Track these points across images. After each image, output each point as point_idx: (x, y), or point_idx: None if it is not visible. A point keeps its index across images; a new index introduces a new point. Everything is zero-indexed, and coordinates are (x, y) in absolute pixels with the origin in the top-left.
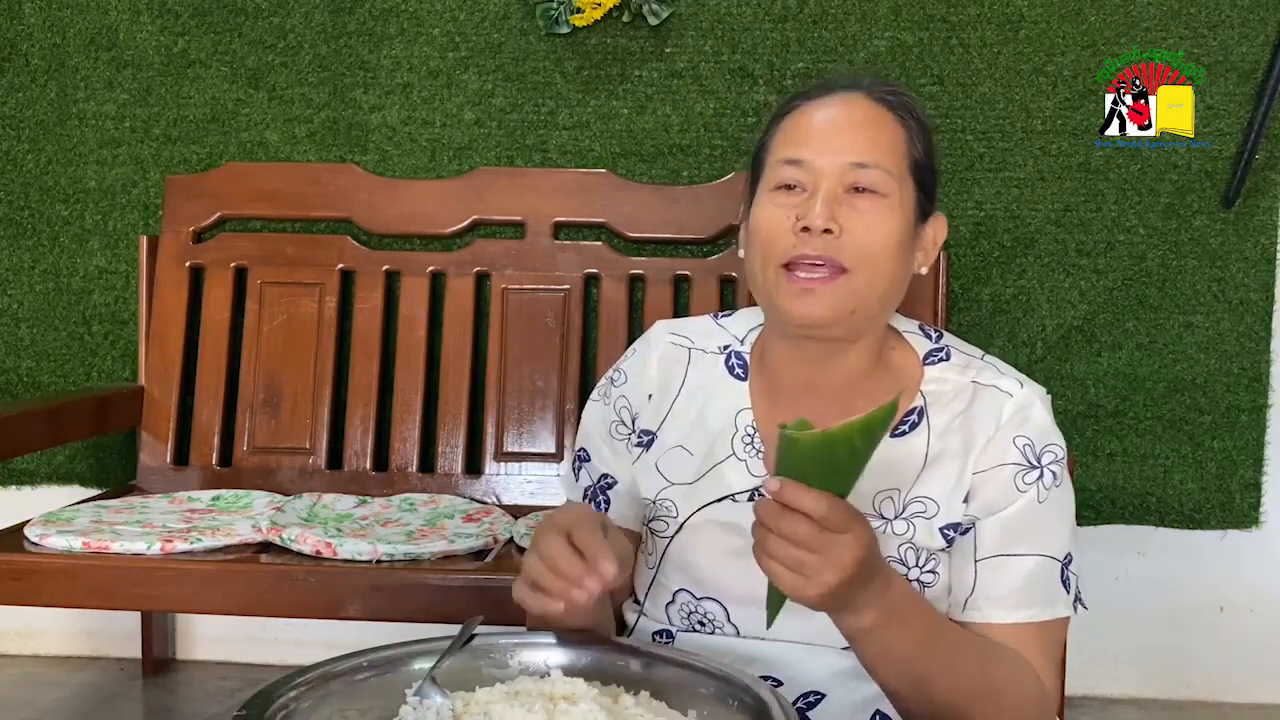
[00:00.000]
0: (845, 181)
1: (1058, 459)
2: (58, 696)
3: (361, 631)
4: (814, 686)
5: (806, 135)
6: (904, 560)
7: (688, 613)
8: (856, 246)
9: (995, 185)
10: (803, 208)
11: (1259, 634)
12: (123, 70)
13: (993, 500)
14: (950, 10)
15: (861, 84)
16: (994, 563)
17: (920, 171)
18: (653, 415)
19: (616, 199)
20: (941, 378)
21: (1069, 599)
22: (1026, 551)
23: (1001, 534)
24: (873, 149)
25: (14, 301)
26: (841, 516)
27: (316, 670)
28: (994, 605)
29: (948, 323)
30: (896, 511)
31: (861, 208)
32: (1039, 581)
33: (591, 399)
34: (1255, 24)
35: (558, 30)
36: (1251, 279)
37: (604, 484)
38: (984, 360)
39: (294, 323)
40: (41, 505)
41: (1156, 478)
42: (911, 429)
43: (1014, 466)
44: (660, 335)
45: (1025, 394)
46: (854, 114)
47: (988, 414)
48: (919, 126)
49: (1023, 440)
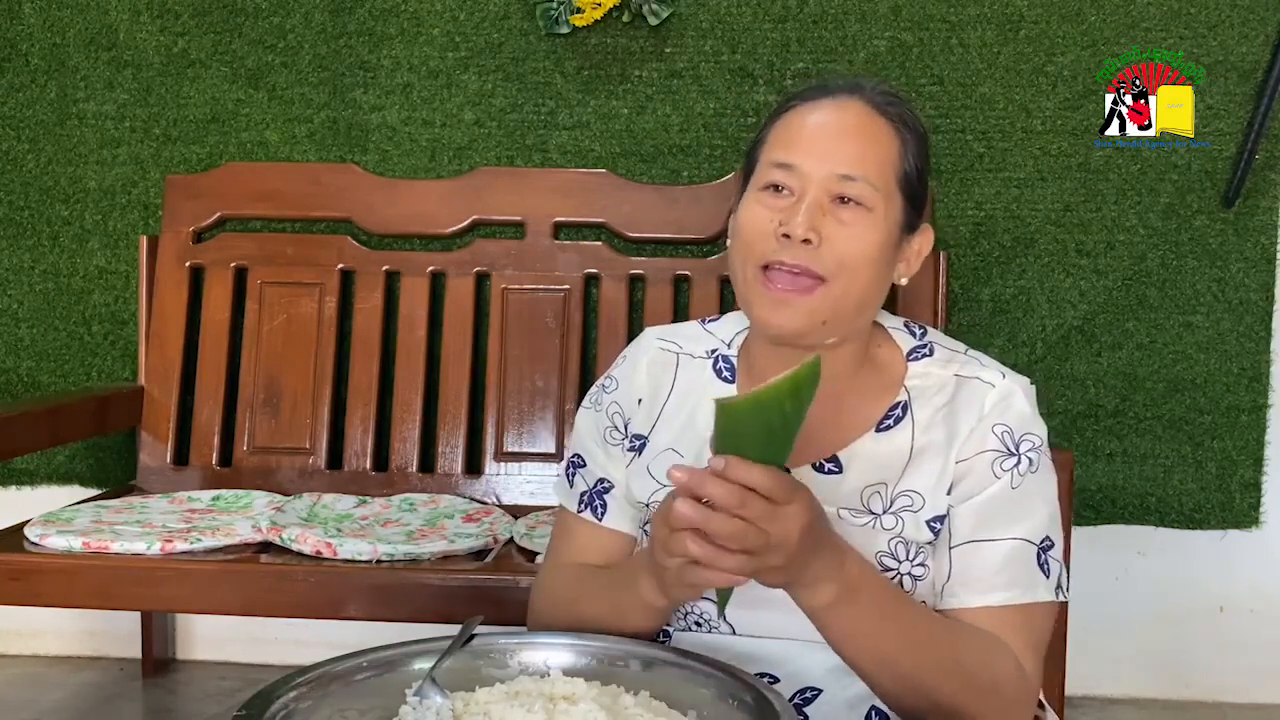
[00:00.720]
0: (831, 190)
1: (1035, 446)
2: (58, 696)
3: (361, 631)
4: (810, 683)
5: (799, 139)
6: (894, 554)
7: (683, 613)
8: (835, 257)
9: (995, 185)
10: (786, 213)
11: (1259, 634)
12: (123, 70)
13: (969, 488)
14: (950, 10)
15: (861, 89)
16: (968, 548)
17: (909, 184)
18: (644, 420)
19: (616, 199)
20: (925, 372)
21: (1049, 584)
22: (1000, 536)
23: (975, 519)
24: (862, 161)
25: (14, 301)
26: (785, 487)
27: (316, 670)
28: (968, 589)
29: (948, 322)
30: (884, 506)
31: (845, 219)
32: (1014, 564)
33: (583, 407)
34: (1255, 24)
35: (558, 30)
36: (1251, 279)
37: (601, 488)
38: (967, 355)
39: (294, 323)
40: (41, 505)
41: (1156, 478)
42: (896, 423)
43: (992, 454)
44: (649, 342)
45: (1007, 384)
46: (848, 121)
47: (970, 405)
48: (914, 138)
49: (1001, 428)
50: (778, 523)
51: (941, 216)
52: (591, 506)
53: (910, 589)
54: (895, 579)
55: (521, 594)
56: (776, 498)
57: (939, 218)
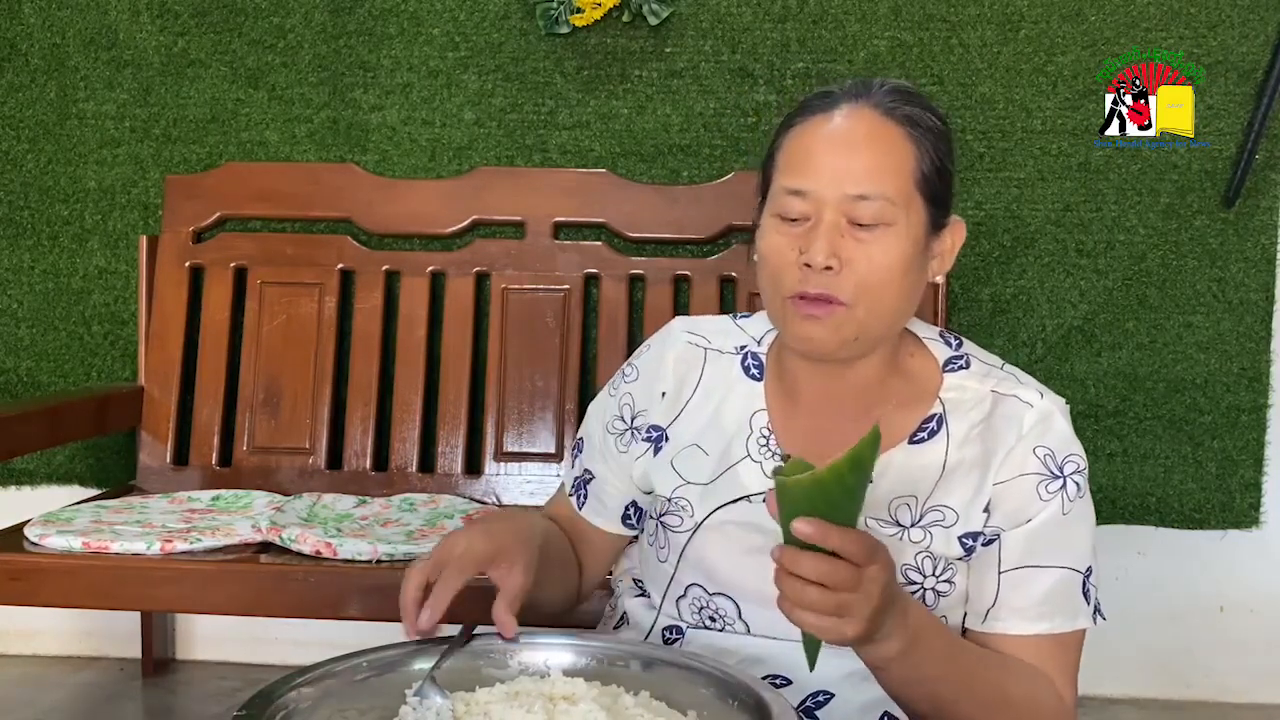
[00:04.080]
0: (847, 211)
1: (1079, 469)
2: (58, 696)
3: (361, 631)
4: (822, 686)
5: (808, 162)
6: (920, 569)
7: (699, 608)
8: (857, 280)
9: (995, 185)
10: (805, 240)
11: (1259, 634)
12: (123, 70)
13: (1016, 511)
14: (950, 10)
15: (868, 92)
16: (1018, 575)
17: (930, 186)
18: (665, 412)
19: (616, 199)
20: (961, 385)
21: (1089, 611)
22: (1050, 564)
23: (1026, 545)
24: (875, 177)
25: (14, 301)
26: (865, 549)
27: (316, 670)
28: (1017, 616)
29: (948, 322)
30: (913, 519)
31: (864, 237)
32: (1062, 594)
33: (603, 391)
34: (1255, 24)
35: (558, 30)
36: (1251, 279)
37: (585, 477)
38: (1004, 370)
39: (294, 323)
40: (41, 505)
41: (1156, 478)
42: (930, 436)
43: (1035, 476)
44: (678, 334)
45: (1045, 404)
46: (857, 134)
47: (1008, 424)
48: (930, 135)
49: (1043, 450)
50: (860, 583)
51: None
52: (578, 493)
53: (933, 604)
54: (919, 593)
55: None
56: (859, 560)
57: None
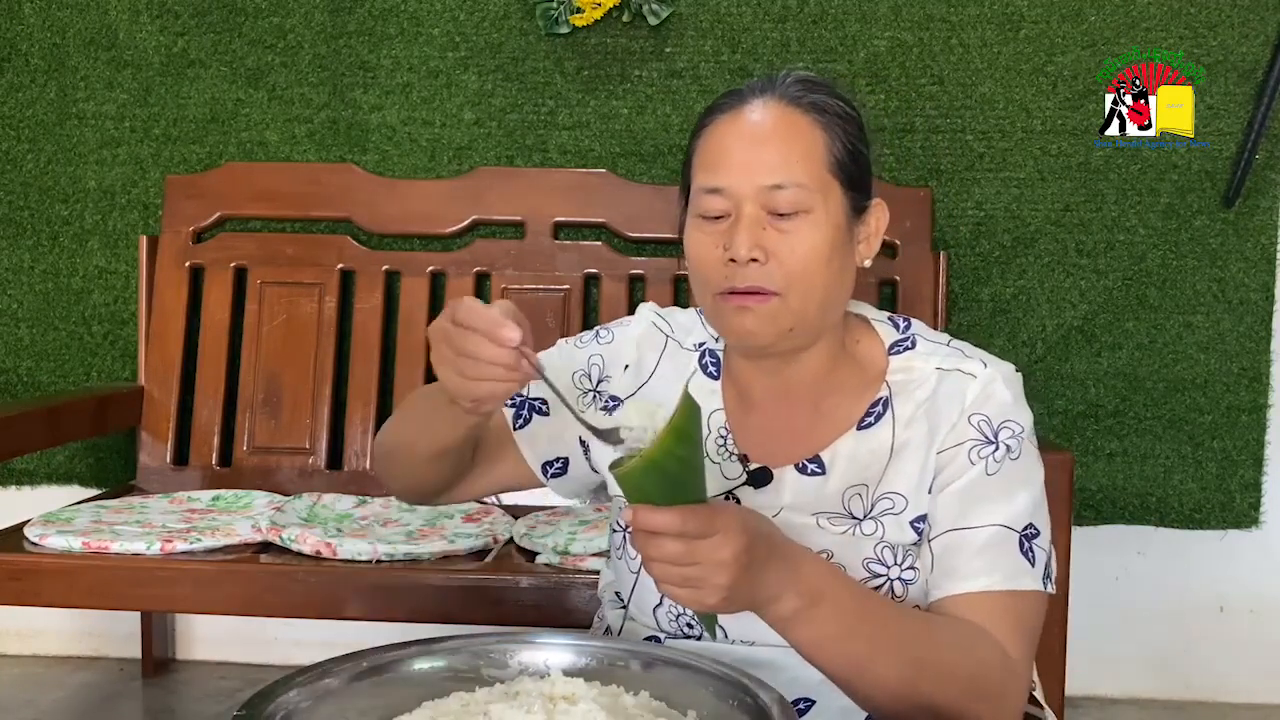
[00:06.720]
0: (764, 203)
1: (1015, 434)
2: (58, 696)
3: (361, 631)
4: (803, 693)
5: (720, 158)
6: (881, 560)
7: (675, 615)
8: (785, 270)
9: (995, 185)
10: (728, 236)
11: (1259, 634)
12: (122, 70)
13: (946, 478)
14: (950, 10)
15: (776, 86)
16: (946, 538)
17: (845, 170)
18: (625, 386)
19: (616, 199)
20: (907, 366)
21: (1035, 573)
22: (979, 523)
23: (955, 507)
24: (786, 166)
25: (14, 301)
26: (699, 522)
27: (316, 670)
28: (949, 578)
29: (948, 323)
30: (865, 510)
31: (785, 227)
32: (994, 550)
33: (568, 340)
34: (1255, 24)
35: (558, 30)
36: (1251, 279)
37: (535, 404)
38: (950, 346)
39: (294, 323)
40: (41, 505)
41: (1156, 478)
42: (877, 420)
43: (971, 443)
44: (645, 315)
45: (988, 373)
46: (764, 126)
47: (952, 399)
48: (840, 121)
49: (979, 418)
50: (701, 555)
51: (941, 216)
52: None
53: (901, 594)
54: (885, 585)
55: (521, 594)
56: (693, 533)
57: (939, 217)
